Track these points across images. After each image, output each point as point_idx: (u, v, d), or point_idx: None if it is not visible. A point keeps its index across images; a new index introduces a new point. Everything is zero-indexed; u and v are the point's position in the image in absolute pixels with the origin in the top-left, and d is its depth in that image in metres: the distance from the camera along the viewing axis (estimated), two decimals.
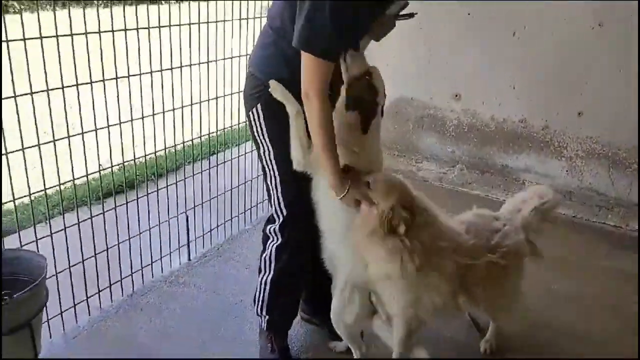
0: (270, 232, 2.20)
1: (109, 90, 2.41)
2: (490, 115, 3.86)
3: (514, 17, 3.57)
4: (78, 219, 2.43)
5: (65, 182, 2.40)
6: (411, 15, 2.02)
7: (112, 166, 2.59)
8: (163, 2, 2.67)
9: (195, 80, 2.89)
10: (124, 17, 2.35)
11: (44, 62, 2.07)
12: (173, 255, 2.97)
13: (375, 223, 1.85)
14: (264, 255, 2.26)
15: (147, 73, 2.56)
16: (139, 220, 2.77)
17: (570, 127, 3.60)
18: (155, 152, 2.93)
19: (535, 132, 3.73)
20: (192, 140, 3.03)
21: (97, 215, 2.53)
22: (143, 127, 2.61)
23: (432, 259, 1.88)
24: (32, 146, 2.15)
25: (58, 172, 2.30)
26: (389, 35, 2.03)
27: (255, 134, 2.07)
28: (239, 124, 3.41)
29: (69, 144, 2.28)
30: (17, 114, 2.03)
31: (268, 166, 2.09)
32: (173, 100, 2.79)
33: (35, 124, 2.10)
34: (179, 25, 2.69)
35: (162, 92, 2.66)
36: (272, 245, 2.20)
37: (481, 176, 3.99)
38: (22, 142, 2.10)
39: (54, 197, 3.07)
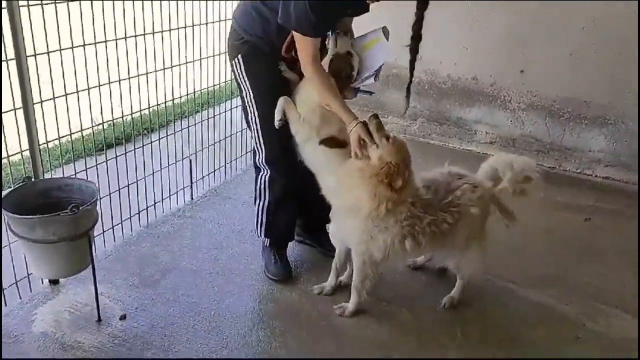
0: (259, 164, 2.66)
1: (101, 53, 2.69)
2: (446, 73, 4.41)
3: None
4: (109, 161, 2.84)
5: (87, 128, 2.77)
6: (370, 93, 2.60)
7: (125, 115, 2.99)
8: None
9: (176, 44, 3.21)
10: None
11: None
12: (177, 196, 3.41)
13: (375, 168, 2.19)
14: (257, 186, 2.72)
15: (140, 35, 2.85)
16: (150, 164, 3.19)
17: (513, 83, 4.20)
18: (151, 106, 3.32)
19: (485, 87, 4.31)
20: (187, 95, 3.46)
21: (106, 161, 2.89)
22: (147, 83, 3.02)
23: (395, 207, 2.24)
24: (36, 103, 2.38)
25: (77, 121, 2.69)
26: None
27: (238, 79, 2.52)
28: (226, 81, 3.85)
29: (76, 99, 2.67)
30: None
31: (249, 107, 2.54)
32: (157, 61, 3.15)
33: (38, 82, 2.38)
34: None
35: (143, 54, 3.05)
36: (263, 177, 2.66)
37: (439, 127, 4.57)
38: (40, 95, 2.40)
39: (65, 145, 3.43)
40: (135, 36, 2.82)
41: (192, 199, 3.48)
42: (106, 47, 2.66)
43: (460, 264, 2.57)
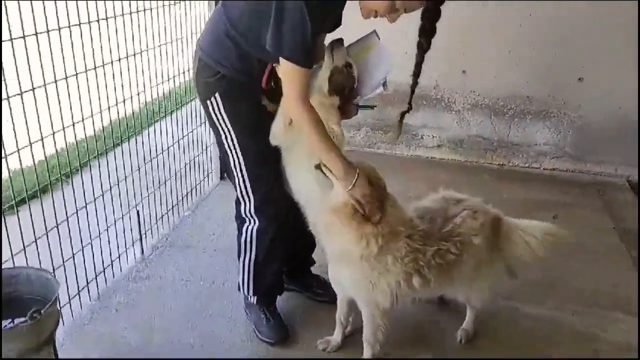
0: (245, 215, 2.29)
1: None
2: (387, 79, 4.24)
3: None
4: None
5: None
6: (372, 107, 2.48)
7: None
8: None
9: None
10: None
11: None
12: (127, 254, 2.92)
13: (350, 207, 1.94)
14: (242, 238, 2.34)
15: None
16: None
17: (456, 84, 4.14)
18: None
19: (428, 91, 4.21)
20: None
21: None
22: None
23: (388, 243, 2.00)
24: None
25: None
26: None
27: (215, 120, 2.13)
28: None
29: None
30: None
31: (231, 151, 2.17)
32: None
33: None
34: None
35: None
36: (251, 228, 2.30)
37: (384, 135, 4.42)
38: None
39: None
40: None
41: (142, 254, 3.00)
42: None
43: (470, 294, 2.39)
